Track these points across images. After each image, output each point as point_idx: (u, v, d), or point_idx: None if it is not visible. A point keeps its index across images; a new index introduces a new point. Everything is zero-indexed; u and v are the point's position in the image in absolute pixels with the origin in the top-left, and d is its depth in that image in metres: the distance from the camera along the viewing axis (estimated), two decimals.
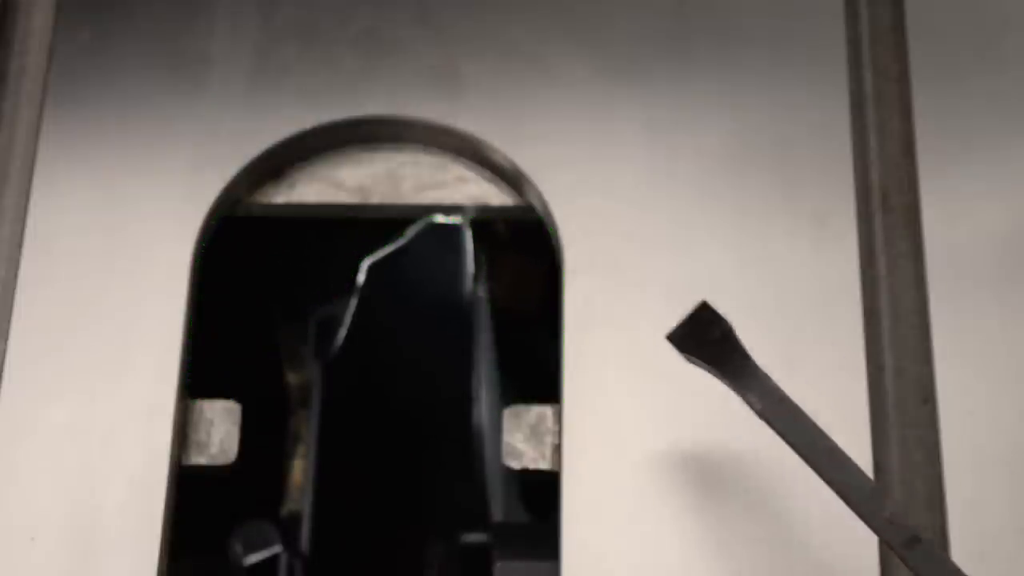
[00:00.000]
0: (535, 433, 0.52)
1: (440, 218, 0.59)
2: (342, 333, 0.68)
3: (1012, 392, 0.52)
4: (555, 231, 0.55)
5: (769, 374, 0.46)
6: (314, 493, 0.68)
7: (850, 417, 0.52)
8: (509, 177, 0.57)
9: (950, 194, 0.56)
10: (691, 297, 0.47)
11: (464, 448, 0.66)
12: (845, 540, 0.49)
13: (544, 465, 0.52)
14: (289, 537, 0.67)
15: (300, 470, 0.71)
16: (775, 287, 0.54)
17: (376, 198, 0.57)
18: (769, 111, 0.57)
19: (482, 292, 0.66)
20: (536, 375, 0.61)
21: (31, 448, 0.50)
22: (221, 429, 0.52)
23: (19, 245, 0.54)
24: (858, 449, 0.50)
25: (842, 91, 0.57)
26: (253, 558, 0.66)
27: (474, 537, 0.66)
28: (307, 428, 0.71)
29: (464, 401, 0.67)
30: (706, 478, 0.50)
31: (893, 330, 0.54)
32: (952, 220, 0.55)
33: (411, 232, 0.62)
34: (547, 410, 0.53)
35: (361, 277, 0.65)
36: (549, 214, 0.55)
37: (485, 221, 0.60)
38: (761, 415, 0.46)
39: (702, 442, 0.51)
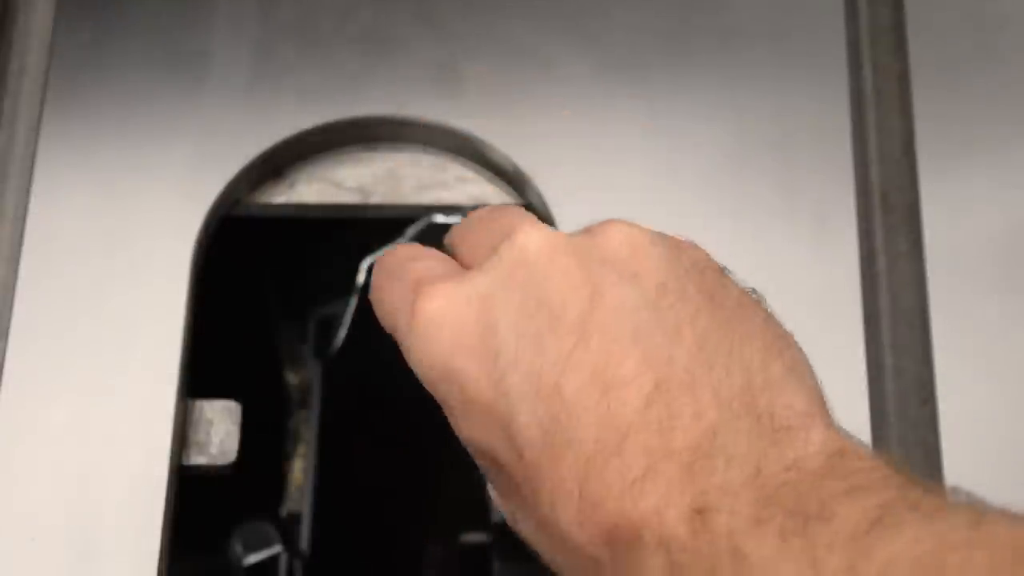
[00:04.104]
0: None
1: (440, 218, 0.59)
2: (342, 333, 0.68)
3: (1012, 392, 0.52)
4: None
5: None
6: (314, 493, 0.68)
7: (850, 417, 0.51)
8: (509, 177, 0.57)
9: (950, 194, 0.56)
10: None
11: (464, 448, 0.66)
12: None
13: None
14: (289, 537, 0.67)
15: (300, 470, 0.71)
16: (775, 287, 0.54)
17: (376, 198, 0.57)
18: (769, 111, 0.57)
19: None
20: None
21: (31, 448, 0.50)
22: (221, 429, 0.52)
23: (19, 245, 0.54)
24: None
25: (842, 91, 0.57)
26: (253, 558, 0.66)
27: (474, 537, 0.66)
28: (307, 428, 0.71)
29: None
30: None
31: (893, 330, 0.54)
32: (952, 220, 0.55)
33: (411, 232, 0.62)
34: None
35: (361, 277, 0.65)
36: (549, 214, 0.55)
37: None
38: None
39: None
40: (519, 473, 0.36)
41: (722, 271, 0.38)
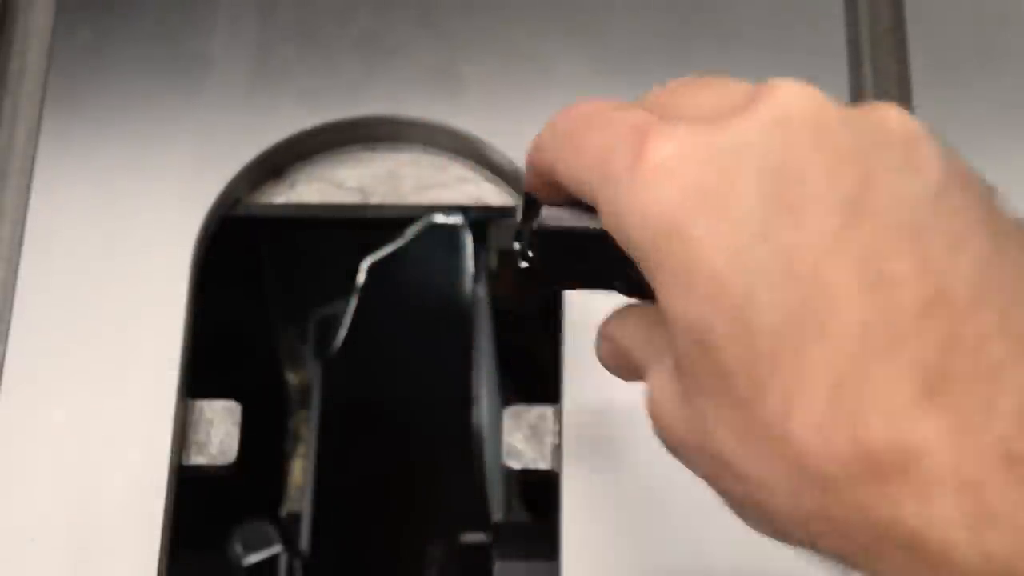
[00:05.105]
0: (535, 433, 0.52)
1: (440, 218, 0.59)
2: (342, 333, 0.68)
3: None
4: None
5: None
6: (314, 493, 0.68)
7: None
8: (509, 177, 0.57)
9: None
10: None
11: (464, 448, 0.66)
12: None
13: (544, 465, 0.52)
14: (289, 537, 0.67)
15: (300, 470, 0.71)
16: None
17: (376, 198, 0.57)
18: None
19: (482, 292, 0.66)
20: (536, 375, 0.61)
21: (31, 448, 0.50)
22: (221, 429, 0.52)
23: (19, 245, 0.54)
24: None
25: (842, 91, 0.57)
26: (253, 558, 0.66)
27: (474, 537, 0.66)
28: (307, 428, 0.71)
29: (464, 401, 0.67)
30: None
31: None
32: None
33: (411, 232, 0.62)
34: (547, 410, 0.53)
35: (361, 277, 0.65)
36: None
37: (485, 221, 0.60)
38: None
39: None
40: (738, 360, 0.30)
41: (992, 188, 0.33)
